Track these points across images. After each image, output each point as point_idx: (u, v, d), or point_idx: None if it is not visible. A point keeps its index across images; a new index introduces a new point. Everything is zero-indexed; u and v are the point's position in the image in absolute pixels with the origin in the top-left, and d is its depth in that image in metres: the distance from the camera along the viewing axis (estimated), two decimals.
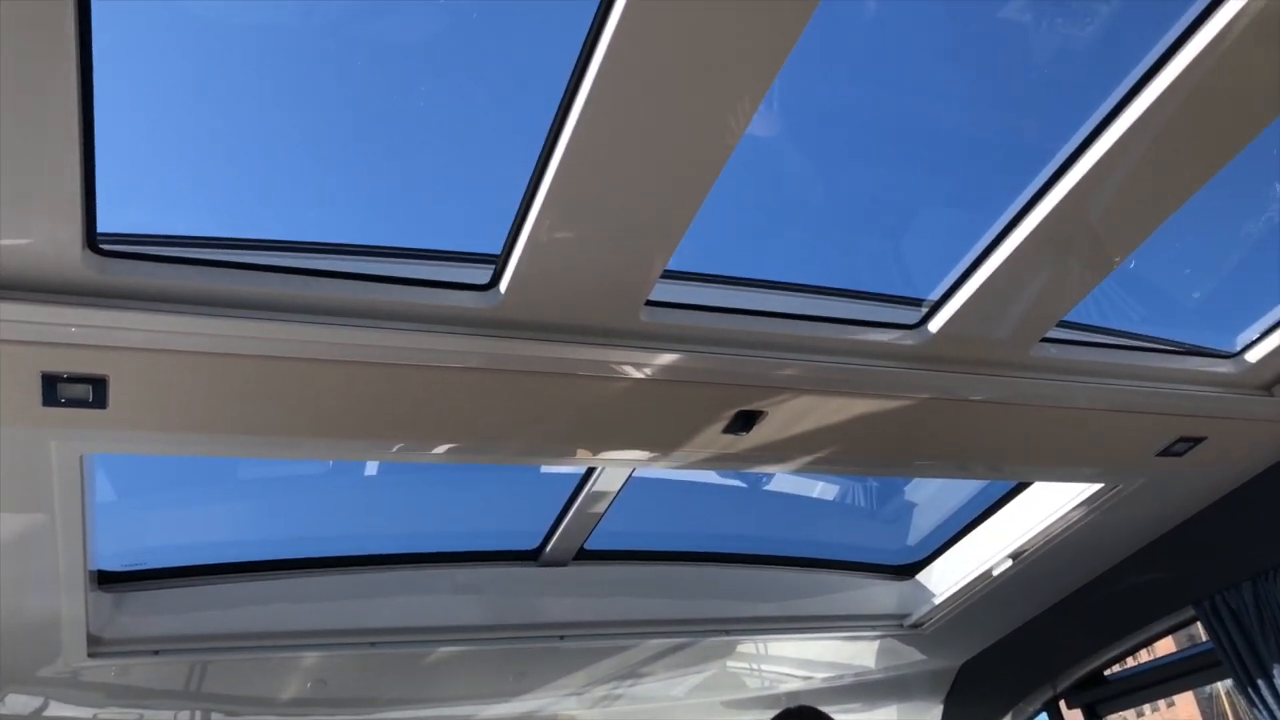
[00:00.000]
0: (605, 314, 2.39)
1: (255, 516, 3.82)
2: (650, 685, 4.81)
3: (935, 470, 3.37)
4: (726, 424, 2.77)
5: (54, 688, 3.68)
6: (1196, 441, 3.22)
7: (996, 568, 3.97)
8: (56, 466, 2.41)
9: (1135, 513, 3.66)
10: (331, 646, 3.64)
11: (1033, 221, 2.44)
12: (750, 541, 4.44)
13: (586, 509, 3.66)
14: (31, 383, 2.09)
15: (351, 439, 2.54)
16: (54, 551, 2.79)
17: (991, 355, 2.79)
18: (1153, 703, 40.59)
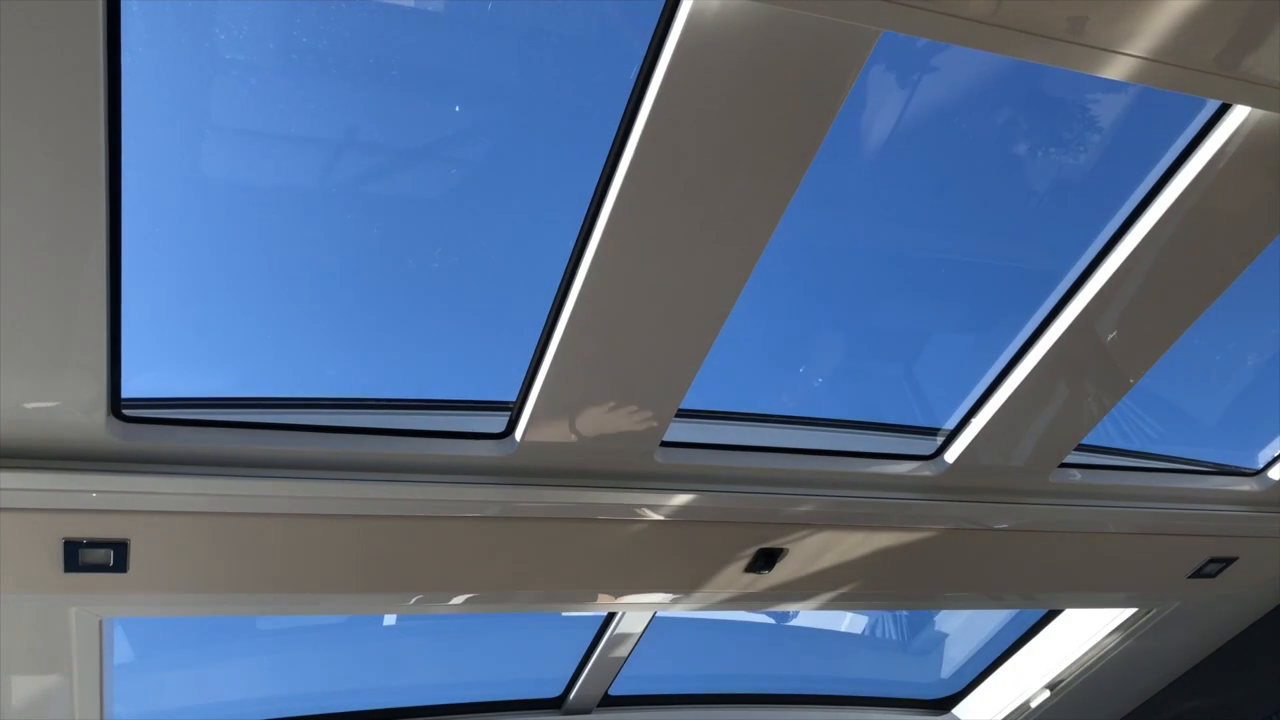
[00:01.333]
0: (620, 457, 2.40)
1: (273, 672, 3.76)
2: None
3: (962, 602, 3.31)
4: (748, 563, 2.75)
5: None
6: (1228, 562, 3.16)
7: (1034, 699, 3.84)
8: (76, 632, 2.40)
9: (1174, 637, 3.56)
10: None
11: (1043, 347, 2.46)
12: (779, 681, 4.33)
13: (609, 654, 3.58)
14: (54, 549, 2.10)
15: (370, 593, 2.52)
16: (70, 714, 2.74)
17: (1011, 483, 2.78)
18: None
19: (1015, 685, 3.92)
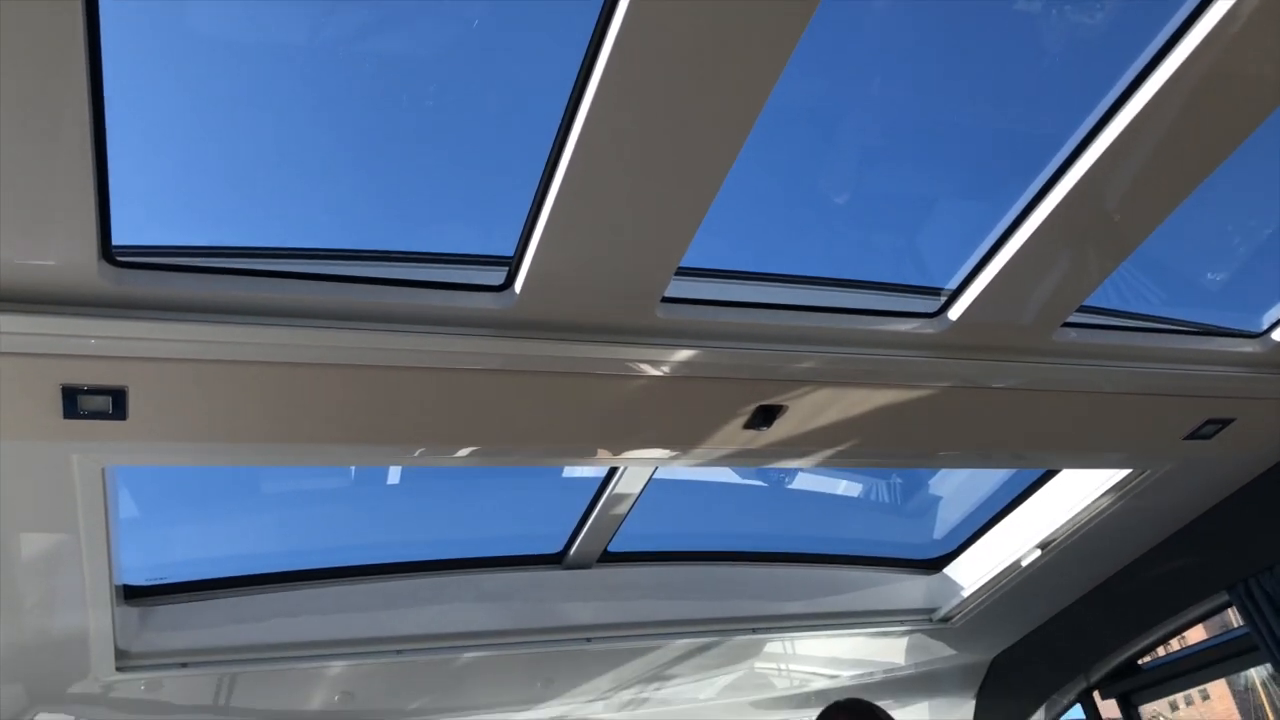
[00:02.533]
0: (621, 312, 2.37)
1: (278, 528, 3.82)
2: (678, 687, 4.78)
3: (959, 460, 3.34)
4: (747, 419, 2.75)
5: (84, 705, 3.69)
6: (1225, 423, 3.17)
7: (1025, 559, 3.93)
8: (79, 480, 2.42)
9: (1165, 498, 3.61)
10: (358, 655, 3.64)
11: (1048, 206, 2.42)
12: (775, 540, 4.42)
13: (609, 511, 3.65)
14: (52, 396, 2.09)
15: (372, 444, 2.54)
16: (79, 567, 2.80)
17: (1013, 341, 2.76)
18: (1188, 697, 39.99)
19: (1007, 545, 4.01)
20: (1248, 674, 37.97)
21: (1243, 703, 46.93)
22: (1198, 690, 47.30)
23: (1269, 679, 38.92)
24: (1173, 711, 47.34)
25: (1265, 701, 42.80)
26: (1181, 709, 48.64)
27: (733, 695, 5.06)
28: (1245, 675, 39.48)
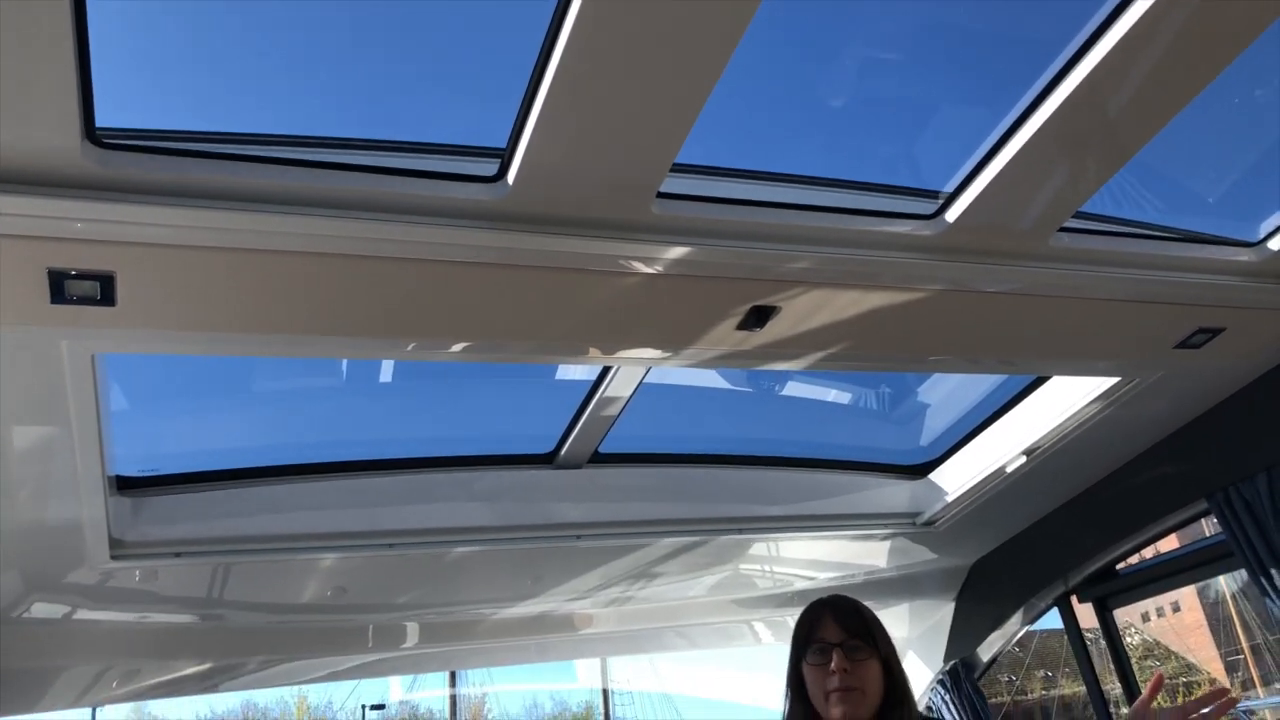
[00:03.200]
0: (616, 207, 2.34)
1: (271, 423, 3.84)
2: (664, 586, 4.89)
3: (949, 365, 3.35)
4: (740, 320, 2.75)
5: (81, 595, 3.75)
6: (1215, 333, 3.18)
7: (1010, 464, 3.97)
8: (69, 368, 2.41)
9: (1151, 407, 3.64)
10: (350, 549, 3.69)
11: (1048, 110, 2.37)
12: (763, 444, 4.46)
13: (600, 413, 3.67)
14: (38, 280, 2.07)
15: (363, 337, 2.53)
16: (72, 456, 2.81)
17: (1008, 245, 2.75)
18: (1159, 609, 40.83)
19: (992, 451, 4.05)
20: (1218, 588, 38.60)
21: (1212, 615, 48.27)
22: (1169, 603, 48.58)
23: (1239, 592, 39.72)
24: (1144, 623, 48.86)
25: (1234, 614, 43.95)
26: (1153, 620, 50.13)
27: (717, 594, 5.17)
28: (1216, 589, 40.22)
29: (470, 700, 40.73)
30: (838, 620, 2.65)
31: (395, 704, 41.03)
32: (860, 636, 2.63)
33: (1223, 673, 40.82)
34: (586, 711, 44.64)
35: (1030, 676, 44.62)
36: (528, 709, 54.12)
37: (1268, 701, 27.31)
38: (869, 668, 2.60)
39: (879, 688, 2.59)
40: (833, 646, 2.60)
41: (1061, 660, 44.81)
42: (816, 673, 2.61)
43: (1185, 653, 42.48)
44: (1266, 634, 38.07)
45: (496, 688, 41.22)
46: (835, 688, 2.56)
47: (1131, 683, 4.56)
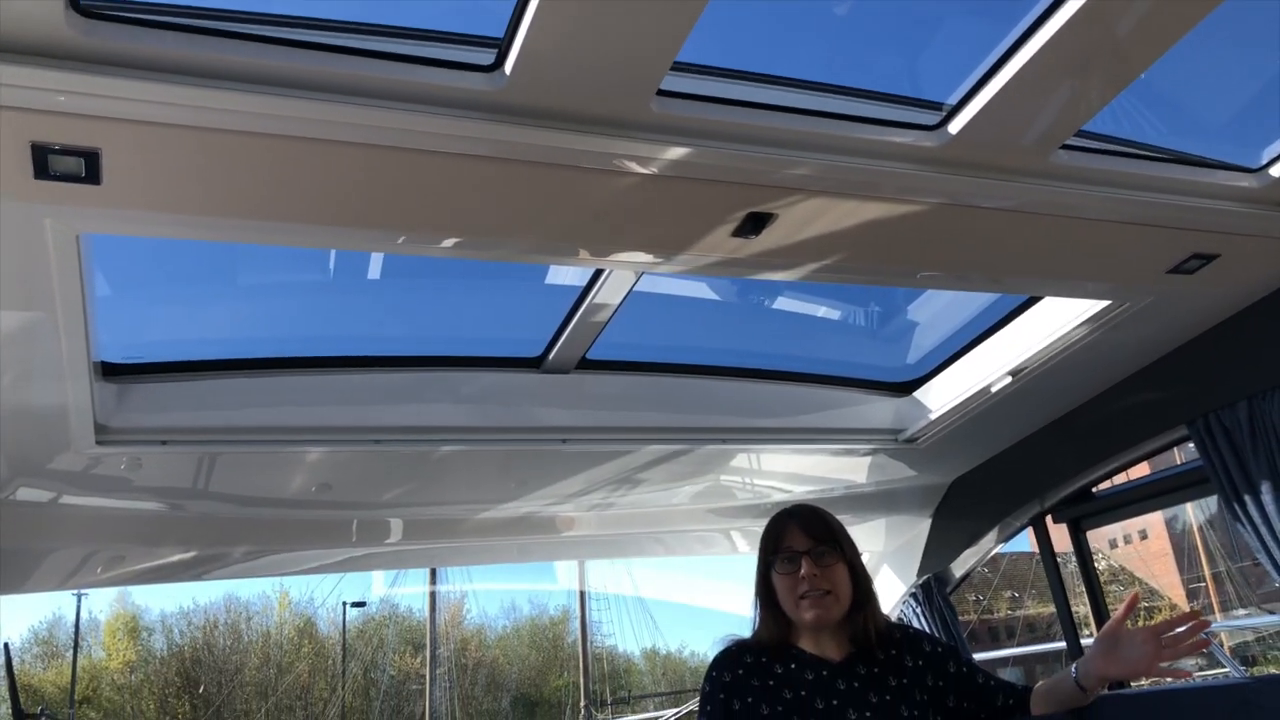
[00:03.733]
0: (614, 102, 2.29)
1: (258, 315, 3.82)
2: (645, 493, 4.95)
3: (942, 282, 3.33)
4: (736, 226, 2.72)
5: (66, 483, 3.77)
6: (1209, 259, 3.17)
7: (995, 385, 4.00)
8: (53, 248, 2.37)
9: (1139, 332, 3.65)
10: (336, 443, 3.70)
11: (1054, 25, 2.32)
12: (750, 357, 4.47)
13: (589, 319, 3.66)
14: (21, 153, 2.02)
15: (353, 227, 2.49)
16: (57, 339, 2.78)
17: (1009, 161, 2.71)
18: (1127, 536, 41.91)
19: (978, 371, 4.07)
20: (1186, 519, 39.59)
21: (1178, 544, 49.39)
22: (1137, 530, 49.48)
23: (1205, 523, 40.74)
24: (1112, 549, 49.83)
25: (1199, 544, 45.13)
26: (1120, 547, 51.17)
27: (697, 503, 5.25)
28: (1184, 520, 41.28)
29: (450, 600, 41.60)
30: (804, 528, 2.71)
31: (376, 601, 41.92)
32: (827, 542, 2.68)
33: (1183, 598, 42.07)
34: (563, 614, 45.72)
35: (998, 597, 45.91)
36: (506, 610, 55.37)
37: (1229, 624, 28.25)
38: (837, 571, 2.66)
39: (848, 590, 2.67)
40: (801, 554, 2.66)
41: (1029, 583, 46.07)
42: (786, 580, 2.67)
43: (1149, 579, 43.70)
44: (1229, 563, 39.15)
45: (476, 586, 42.14)
46: (806, 592, 2.62)
47: (1100, 603, 4.68)
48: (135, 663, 41.86)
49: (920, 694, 2.61)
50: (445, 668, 40.19)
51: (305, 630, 43.77)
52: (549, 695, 43.37)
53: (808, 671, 2.61)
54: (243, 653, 43.00)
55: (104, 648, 42.23)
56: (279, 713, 40.77)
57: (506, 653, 46.36)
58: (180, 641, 42.90)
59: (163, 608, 55.85)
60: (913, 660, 2.67)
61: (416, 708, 40.28)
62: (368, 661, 42.93)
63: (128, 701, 40.78)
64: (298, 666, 42.26)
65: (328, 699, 41.48)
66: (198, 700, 40.73)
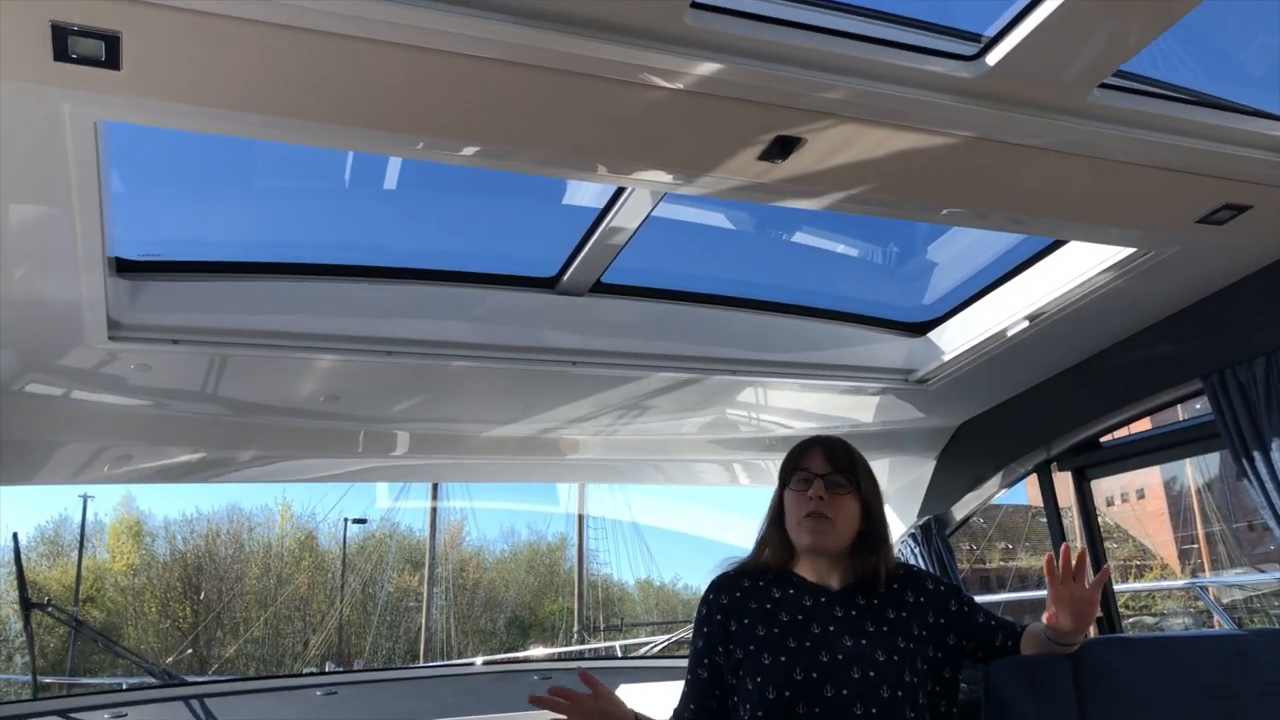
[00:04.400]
0: (648, 12, 2.23)
1: (273, 219, 3.79)
2: (651, 421, 4.95)
3: (968, 219, 3.27)
4: (763, 150, 2.67)
5: (76, 381, 3.78)
6: (1240, 210, 3.12)
7: (1012, 329, 3.96)
8: (71, 134, 2.33)
9: (1161, 282, 3.61)
10: (347, 352, 3.69)
11: None
12: (764, 289, 4.44)
13: (606, 241, 3.62)
14: (42, 33, 1.98)
15: (373, 128, 2.44)
16: (72, 229, 2.76)
17: (1046, 97, 2.65)
18: (1125, 495, 42.07)
19: (995, 314, 4.03)
20: (1184, 481, 39.58)
21: (1174, 505, 49.52)
22: (1135, 490, 49.59)
23: (1204, 486, 40.73)
24: (1108, 506, 50.01)
25: (1195, 506, 45.26)
26: (1117, 505, 51.40)
27: (701, 434, 5.26)
28: (1182, 482, 41.24)
29: (450, 521, 42.13)
30: (826, 454, 2.70)
31: (377, 518, 42.49)
32: (844, 472, 2.68)
33: (1175, 558, 42.42)
34: (561, 541, 46.31)
35: (991, 547, 46.33)
36: (504, 535, 56.09)
37: (1218, 580, 28.56)
38: (846, 503, 2.65)
39: (852, 526, 2.65)
40: (816, 477, 2.65)
41: (1023, 535, 46.44)
42: (796, 498, 2.67)
43: (1143, 537, 44.02)
44: (1224, 524, 39.43)
45: (477, 504, 42.68)
46: (808, 513, 2.62)
47: (1099, 553, 4.70)
48: (138, 566, 42.59)
49: (919, 629, 2.62)
50: (443, 587, 40.90)
51: (306, 544, 44.44)
52: (543, 619, 44.14)
53: (806, 597, 2.63)
54: (244, 562, 43.72)
55: (108, 549, 42.96)
56: (278, 622, 41.57)
57: (503, 576, 47.07)
58: (183, 548, 43.61)
59: (166, 514, 56.68)
60: (914, 596, 2.68)
61: (413, 624, 41.04)
62: (367, 577, 43.64)
63: (130, 603, 41.58)
64: (297, 578, 42.99)
65: (326, 611, 42.27)
66: (199, 605, 41.54)
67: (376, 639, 41.13)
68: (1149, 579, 37.01)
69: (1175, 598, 31.29)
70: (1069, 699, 2.51)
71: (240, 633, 40.07)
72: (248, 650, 38.93)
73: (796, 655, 2.50)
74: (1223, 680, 2.68)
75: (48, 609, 4.82)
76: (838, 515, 2.63)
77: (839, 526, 2.63)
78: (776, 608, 2.60)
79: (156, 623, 40.84)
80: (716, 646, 2.59)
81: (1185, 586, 23.35)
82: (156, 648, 37.52)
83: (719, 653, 2.58)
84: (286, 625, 41.92)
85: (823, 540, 2.62)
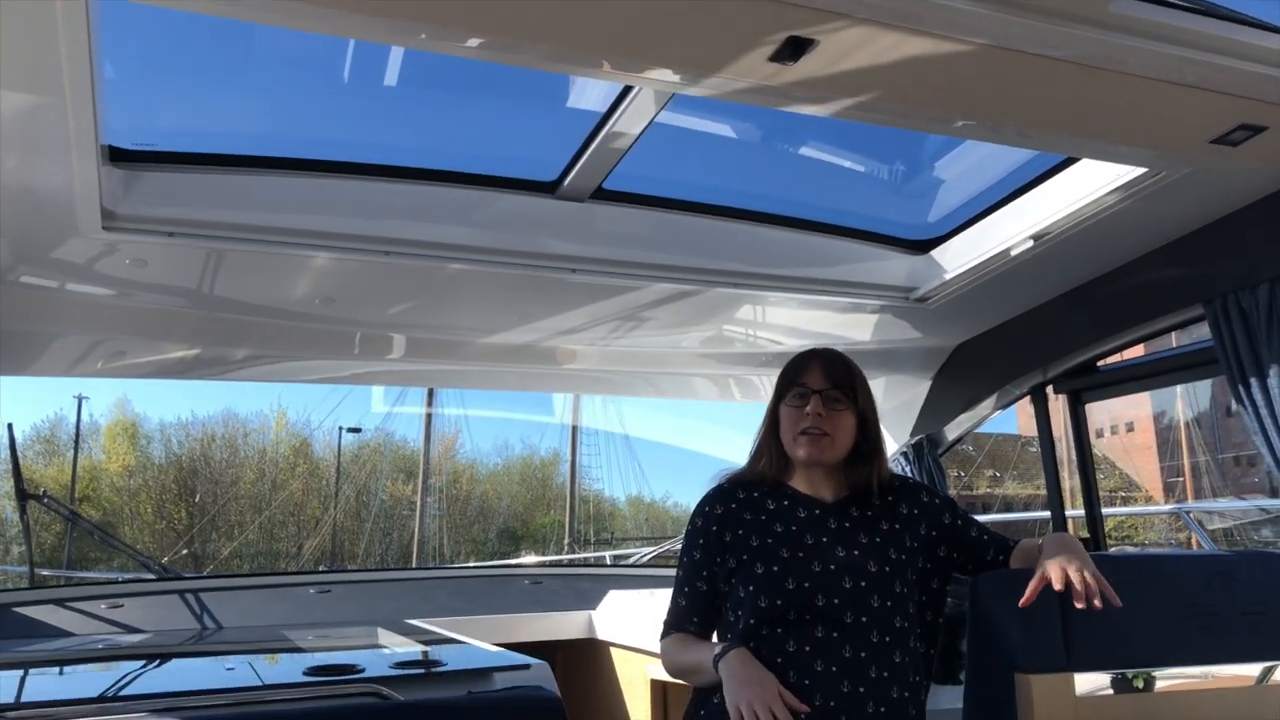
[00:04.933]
0: None
1: (270, 112, 3.71)
2: (648, 334, 4.95)
3: (979, 132, 3.21)
4: (774, 50, 2.59)
5: (69, 274, 3.74)
6: (1256, 131, 3.06)
7: (1016, 248, 3.93)
8: (61, 13, 2.26)
9: (1169, 205, 3.56)
10: (345, 250, 3.66)
11: None
12: (767, 201, 4.38)
13: (608, 145, 3.56)
14: None
15: (374, 15, 2.37)
16: (63, 116, 2.70)
17: (1067, 5, 2.56)
18: (1114, 427, 42.51)
19: (1000, 233, 4.00)
20: (1174, 414, 39.90)
21: (1162, 438, 50.14)
22: (1124, 422, 50.12)
23: (1193, 420, 41.23)
24: (1098, 438, 50.77)
25: (1183, 439, 45.84)
26: (1106, 437, 51.98)
27: (697, 348, 5.26)
28: (1171, 415, 41.64)
29: (444, 433, 42.45)
30: (824, 369, 2.69)
31: (372, 427, 42.80)
32: (841, 388, 2.67)
33: (1160, 491, 43.04)
34: (554, 456, 46.76)
35: (979, 474, 46.90)
36: (498, 448, 56.59)
37: (1203, 505, 29.07)
38: (843, 418, 2.66)
39: (849, 439, 2.67)
40: (813, 392, 2.65)
41: (1011, 463, 46.97)
42: (793, 413, 2.68)
43: (1130, 470, 44.59)
44: (1209, 455, 39.95)
45: (471, 411, 42.99)
46: (805, 429, 2.63)
47: (1090, 477, 4.75)
48: (134, 468, 42.98)
49: (911, 541, 2.65)
50: (436, 497, 41.40)
51: (301, 451, 44.81)
52: (534, 530, 44.79)
53: (800, 509, 2.64)
54: (239, 467, 44.11)
55: (104, 450, 43.30)
56: (272, 526, 42.13)
57: (496, 488, 47.61)
58: (178, 451, 43.97)
59: (162, 417, 57.06)
60: (908, 509, 2.70)
61: (406, 531, 41.66)
62: (360, 485, 44.13)
63: (126, 504, 42.07)
64: (292, 484, 43.44)
65: (320, 517, 42.84)
66: (194, 508, 42.04)
67: (370, 545, 41.79)
68: (1133, 505, 37.64)
69: (1157, 529, 31.83)
70: (1054, 613, 2.54)
71: (235, 535, 40.65)
72: (242, 553, 39.54)
73: (789, 565, 2.52)
74: (1205, 598, 2.72)
75: (44, 500, 4.86)
76: (835, 430, 2.63)
77: (836, 441, 2.64)
78: (770, 519, 2.62)
79: (152, 523, 41.39)
80: (714, 557, 2.61)
81: (1172, 511, 23.80)
82: (152, 548, 38.06)
83: (716, 563, 2.61)
84: (281, 530, 42.51)
85: (819, 455, 2.63)
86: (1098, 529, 4.57)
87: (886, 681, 2.45)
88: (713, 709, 2.46)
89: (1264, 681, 3.00)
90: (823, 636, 2.44)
